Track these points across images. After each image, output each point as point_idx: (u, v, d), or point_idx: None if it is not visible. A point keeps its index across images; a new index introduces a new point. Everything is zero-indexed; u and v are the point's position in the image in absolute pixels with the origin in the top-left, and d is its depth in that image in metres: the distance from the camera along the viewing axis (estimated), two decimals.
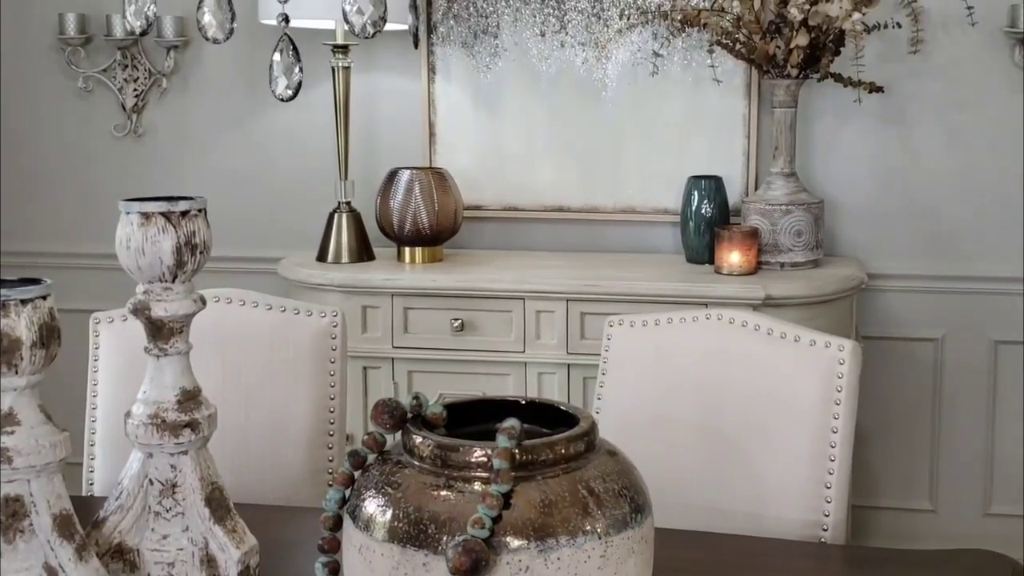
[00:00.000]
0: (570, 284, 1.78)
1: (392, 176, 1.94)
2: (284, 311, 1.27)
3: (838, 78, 1.80)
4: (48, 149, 2.26)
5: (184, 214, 0.72)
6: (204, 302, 0.75)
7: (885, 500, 2.02)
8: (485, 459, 0.64)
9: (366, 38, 0.73)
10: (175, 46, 2.18)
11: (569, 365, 1.79)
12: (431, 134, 2.10)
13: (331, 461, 1.26)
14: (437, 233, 1.94)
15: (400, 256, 1.95)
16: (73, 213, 2.28)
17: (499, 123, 2.08)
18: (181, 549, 0.73)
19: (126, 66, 2.21)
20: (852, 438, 1.07)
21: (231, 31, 0.76)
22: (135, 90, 2.21)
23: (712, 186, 1.89)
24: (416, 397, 0.70)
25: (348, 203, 1.99)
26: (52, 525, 0.68)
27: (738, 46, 1.80)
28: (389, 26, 1.95)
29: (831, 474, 1.05)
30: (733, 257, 1.77)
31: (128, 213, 0.71)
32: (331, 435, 1.26)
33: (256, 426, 1.22)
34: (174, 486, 0.73)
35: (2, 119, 2.27)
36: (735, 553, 0.96)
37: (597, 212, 2.06)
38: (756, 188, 1.96)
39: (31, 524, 0.68)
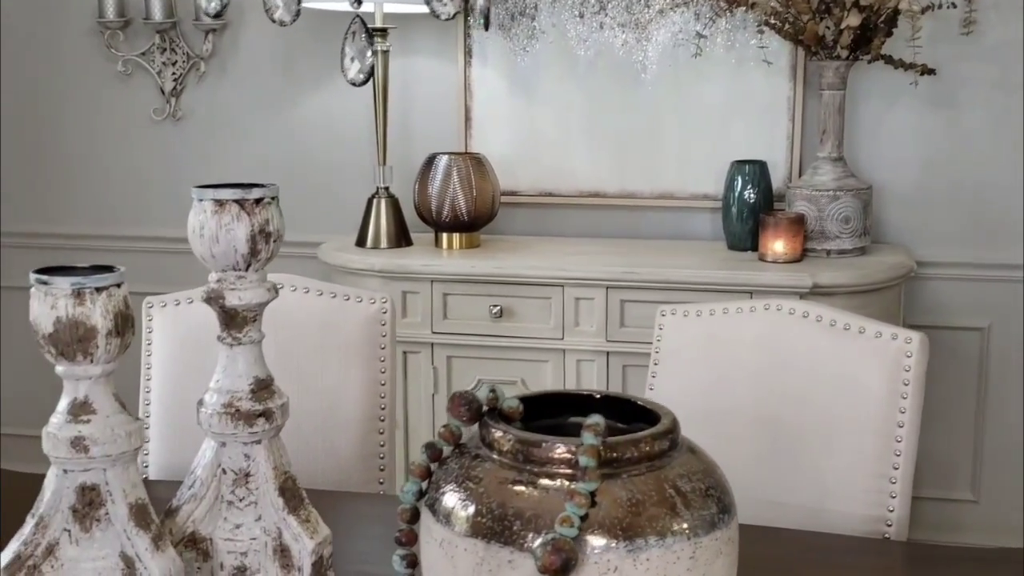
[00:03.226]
0: (610, 271, 1.76)
1: (430, 161, 1.93)
2: (335, 297, 1.27)
3: (888, 60, 1.74)
4: (88, 132, 2.27)
5: (258, 201, 0.71)
6: (277, 291, 0.74)
7: (927, 490, 1.99)
8: (568, 456, 0.62)
9: (446, 20, 0.71)
10: (213, 29, 2.17)
11: (608, 353, 1.78)
12: (467, 118, 2.07)
13: (382, 446, 1.26)
14: (475, 219, 1.92)
15: (438, 242, 1.94)
16: (113, 196, 2.29)
17: (535, 107, 2.05)
18: (254, 539, 0.73)
19: (164, 49, 2.20)
20: (918, 433, 1.05)
21: (298, 13, 0.74)
22: (173, 74, 2.21)
23: (756, 171, 1.85)
24: (493, 390, 0.69)
25: (387, 189, 1.98)
26: (128, 514, 0.68)
27: (786, 27, 1.75)
28: (424, 8, 1.92)
29: (896, 469, 1.03)
30: (778, 244, 1.73)
31: (201, 200, 0.70)
32: (382, 420, 1.26)
33: (307, 412, 1.22)
34: (247, 475, 0.73)
35: (42, 102, 2.28)
36: (797, 548, 0.95)
37: (634, 198, 2.03)
38: (800, 173, 1.92)
39: (107, 513, 0.68)
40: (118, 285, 0.67)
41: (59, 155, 2.30)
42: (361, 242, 1.96)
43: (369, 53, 0.71)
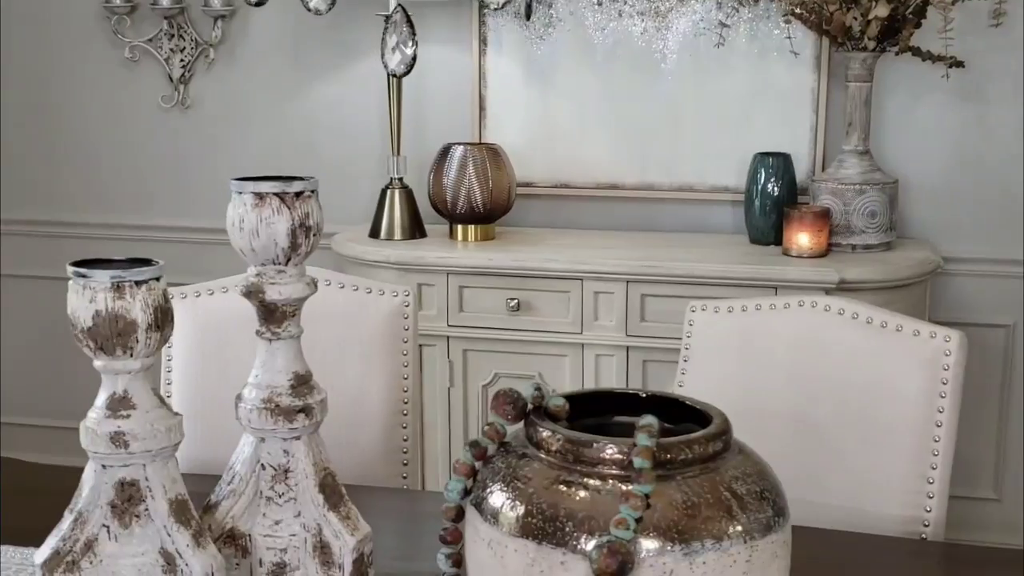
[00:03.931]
0: (631, 265, 1.74)
1: (445, 152, 1.90)
2: (356, 290, 1.25)
3: (916, 52, 1.72)
4: (93, 120, 2.24)
5: (298, 195, 0.69)
6: (316, 285, 0.72)
7: (949, 488, 1.97)
8: (620, 456, 0.61)
9: (495, 9, 0.69)
10: (222, 16, 2.14)
11: (628, 348, 1.76)
12: (481, 108, 2.05)
13: (405, 441, 1.24)
14: (490, 211, 1.90)
15: (452, 234, 1.92)
16: (119, 184, 2.26)
17: (552, 96, 2.03)
18: (294, 535, 0.71)
19: (172, 36, 2.17)
20: (956, 433, 1.03)
21: (334, 1, 0.72)
22: (182, 60, 2.18)
23: (780, 164, 1.83)
24: (538, 388, 0.67)
25: (400, 179, 1.96)
26: (168, 510, 0.67)
27: (812, 16, 1.72)
28: None
29: (934, 469, 1.02)
30: (803, 238, 1.71)
31: (241, 193, 0.68)
32: (405, 415, 1.24)
33: (331, 406, 1.21)
34: (287, 471, 0.71)
35: (47, 88, 2.25)
36: (833, 548, 0.94)
37: (652, 190, 2.01)
38: (824, 166, 1.90)
39: (147, 509, 0.66)
40: (157, 278, 0.65)
41: (64, 142, 2.27)
42: (375, 233, 1.94)
43: (411, 43, 0.69)
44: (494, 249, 1.84)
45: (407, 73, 0.73)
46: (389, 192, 1.95)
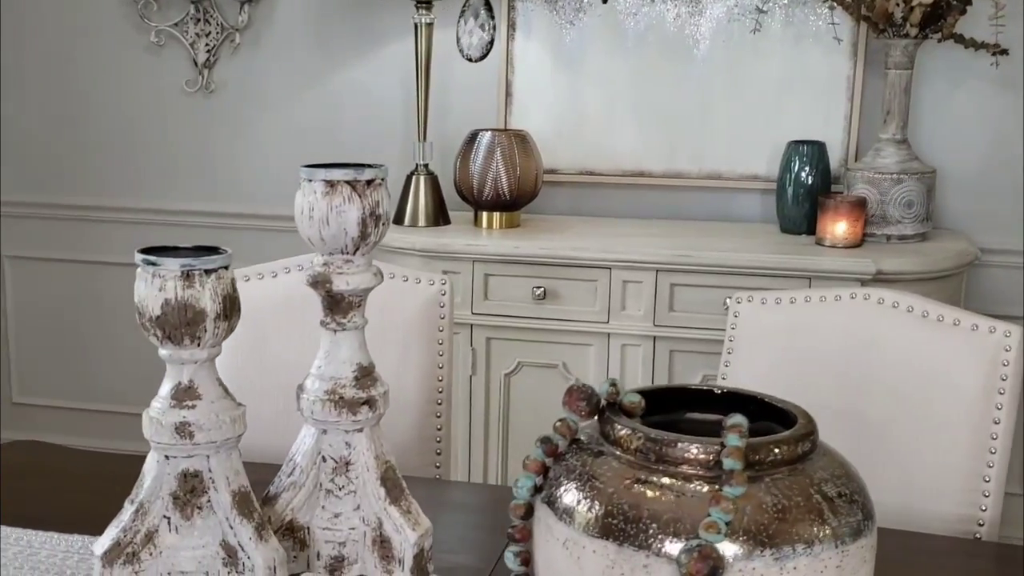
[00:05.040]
0: (661, 254, 1.71)
1: (473, 138, 1.87)
2: (393, 278, 1.23)
3: (960, 39, 1.68)
4: (118, 103, 2.21)
5: (369, 183, 0.66)
6: (382, 276, 0.70)
7: None
8: (704, 456, 0.59)
9: None
10: (248, 0, 2.10)
11: (655, 338, 1.74)
12: (508, 94, 2.02)
13: (439, 431, 1.23)
14: (517, 198, 1.87)
15: (477, 221, 1.90)
16: (144, 169, 2.24)
17: (580, 82, 1.99)
18: (353, 529, 0.70)
19: (198, 20, 2.14)
20: (1014, 430, 1.01)
21: None
22: (207, 45, 2.15)
23: (815, 152, 1.80)
24: (613, 384, 0.65)
25: (426, 166, 1.93)
26: (231, 502, 0.65)
27: (853, 2, 1.69)
28: None
29: (990, 467, 1.00)
30: (838, 228, 1.69)
31: (311, 181, 0.66)
32: (439, 404, 1.23)
33: None
34: (348, 464, 0.70)
35: (72, 71, 2.22)
36: (885, 547, 0.91)
37: (681, 177, 1.98)
38: (857, 155, 1.87)
39: (209, 501, 0.65)
40: (226, 267, 0.63)
41: (88, 126, 2.24)
42: (399, 220, 1.91)
43: (489, 27, 0.66)
44: (520, 237, 1.81)
45: (483, 58, 0.70)
46: (414, 178, 1.92)
